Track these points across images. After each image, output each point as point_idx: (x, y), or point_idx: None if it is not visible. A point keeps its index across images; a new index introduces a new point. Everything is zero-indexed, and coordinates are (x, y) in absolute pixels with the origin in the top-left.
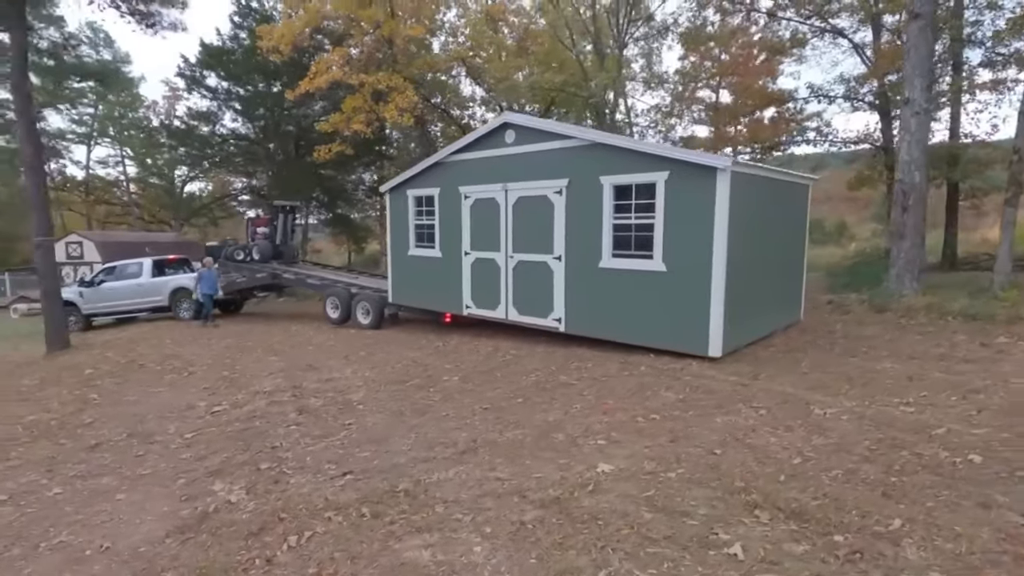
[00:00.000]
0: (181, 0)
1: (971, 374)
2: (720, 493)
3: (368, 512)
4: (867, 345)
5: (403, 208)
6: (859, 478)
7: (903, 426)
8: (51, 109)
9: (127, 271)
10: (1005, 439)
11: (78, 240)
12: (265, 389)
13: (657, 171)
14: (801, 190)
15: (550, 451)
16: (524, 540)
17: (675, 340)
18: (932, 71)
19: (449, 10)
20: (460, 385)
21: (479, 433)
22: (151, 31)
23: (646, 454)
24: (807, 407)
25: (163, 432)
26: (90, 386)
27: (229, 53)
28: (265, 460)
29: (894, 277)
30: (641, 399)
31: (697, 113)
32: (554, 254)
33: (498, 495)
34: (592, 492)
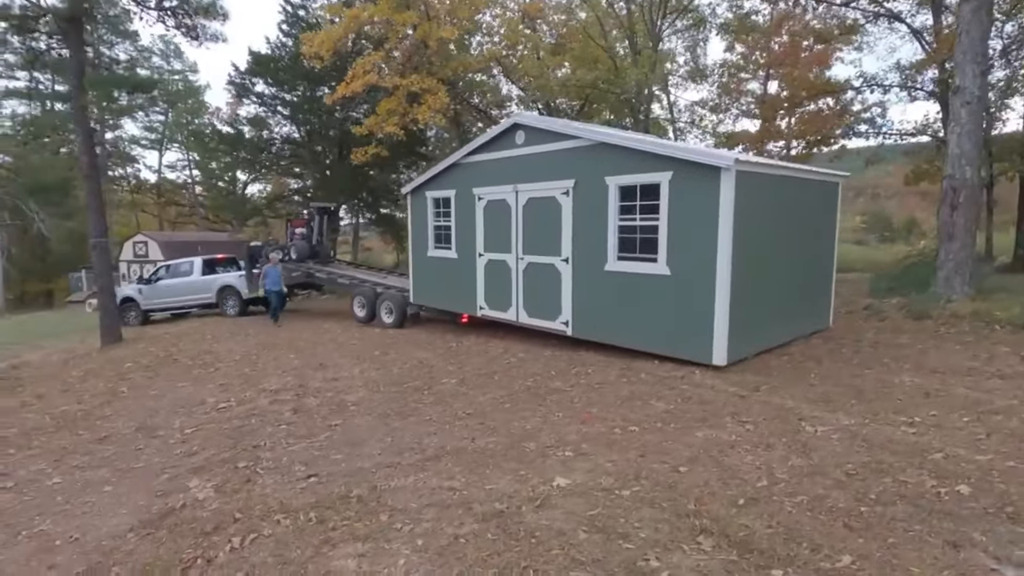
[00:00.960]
0: (222, 13)
1: (998, 392)
2: (669, 515)
3: (315, 517)
4: (892, 356)
5: (423, 209)
6: (825, 506)
7: (897, 448)
8: (127, 118)
9: (180, 269)
10: (1007, 469)
11: (143, 240)
12: (272, 387)
13: (661, 171)
14: (829, 188)
15: (515, 461)
16: (451, 555)
17: (679, 347)
18: (987, 57)
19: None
20: (455, 388)
21: (453, 440)
22: (195, 43)
23: (608, 469)
24: (799, 423)
25: (168, 427)
26: (124, 379)
27: (276, 60)
28: (244, 459)
29: (942, 281)
30: (628, 409)
31: (745, 106)
32: (562, 256)
33: (445, 506)
34: (539, 507)
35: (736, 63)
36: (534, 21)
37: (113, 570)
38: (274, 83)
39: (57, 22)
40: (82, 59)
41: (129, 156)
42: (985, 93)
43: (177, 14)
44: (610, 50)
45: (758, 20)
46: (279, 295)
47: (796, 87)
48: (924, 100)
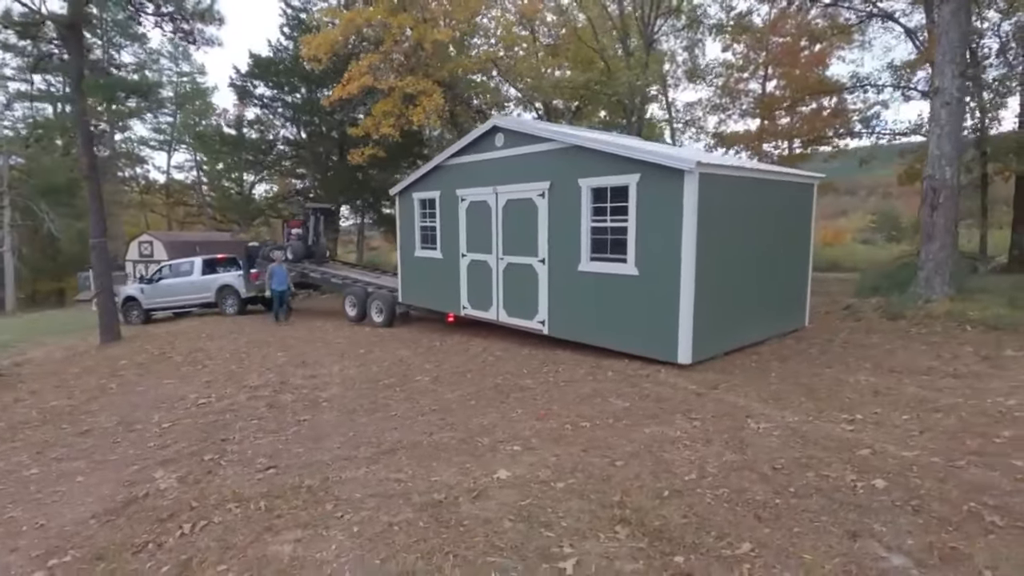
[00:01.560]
0: (218, 18)
1: (947, 391)
2: (594, 506)
3: (264, 506)
4: (857, 355)
5: (410, 210)
6: (744, 498)
7: (830, 445)
8: (136, 119)
9: (180, 269)
10: (927, 464)
11: (149, 240)
12: (253, 384)
13: (629, 173)
14: (803, 190)
15: (466, 455)
16: (382, 541)
17: (647, 346)
18: (965, 58)
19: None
20: (427, 385)
21: (412, 434)
22: (193, 47)
23: (550, 462)
24: (744, 420)
25: (147, 421)
26: (115, 376)
27: (277, 63)
28: (212, 451)
29: (923, 281)
30: (586, 406)
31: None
32: (538, 257)
33: (387, 496)
34: (476, 498)
35: (733, 63)
36: (532, 22)
37: (70, 553)
38: (275, 85)
39: (57, 28)
40: (81, 64)
41: (138, 157)
42: (964, 94)
43: (175, 19)
44: (602, 52)
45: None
46: (282, 295)
47: (794, 87)
48: (918, 100)
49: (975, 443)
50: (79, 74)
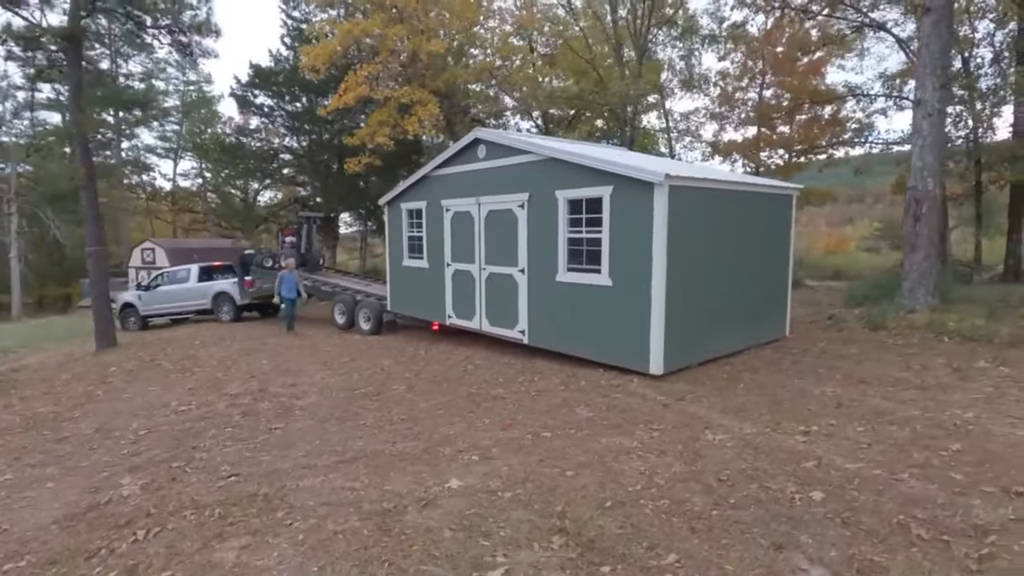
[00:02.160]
0: (215, 31)
1: (910, 403)
2: (536, 516)
3: (219, 513)
4: (830, 366)
5: (398, 220)
6: (684, 509)
7: (779, 456)
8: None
9: (177, 276)
10: (870, 477)
11: (151, 247)
12: (234, 391)
13: (603, 185)
14: (781, 200)
15: (424, 464)
16: (323, 549)
17: (621, 356)
18: (947, 70)
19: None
20: (402, 394)
21: (376, 443)
22: (191, 59)
23: (503, 472)
24: (703, 431)
25: (125, 428)
26: (104, 383)
27: (277, 74)
28: (181, 459)
29: (906, 291)
30: (552, 416)
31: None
32: (518, 267)
33: (338, 504)
34: (424, 507)
35: (730, 72)
36: (529, 33)
37: (26, 558)
38: (275, 95)
39: (56, 41)
40: (80, 75)
41: (145, 165)
42: (946, 106)
43: (172, 32)
44: (593, 61)
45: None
46: (293, 303)
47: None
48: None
49: (921, 456)
50: (78, 85)
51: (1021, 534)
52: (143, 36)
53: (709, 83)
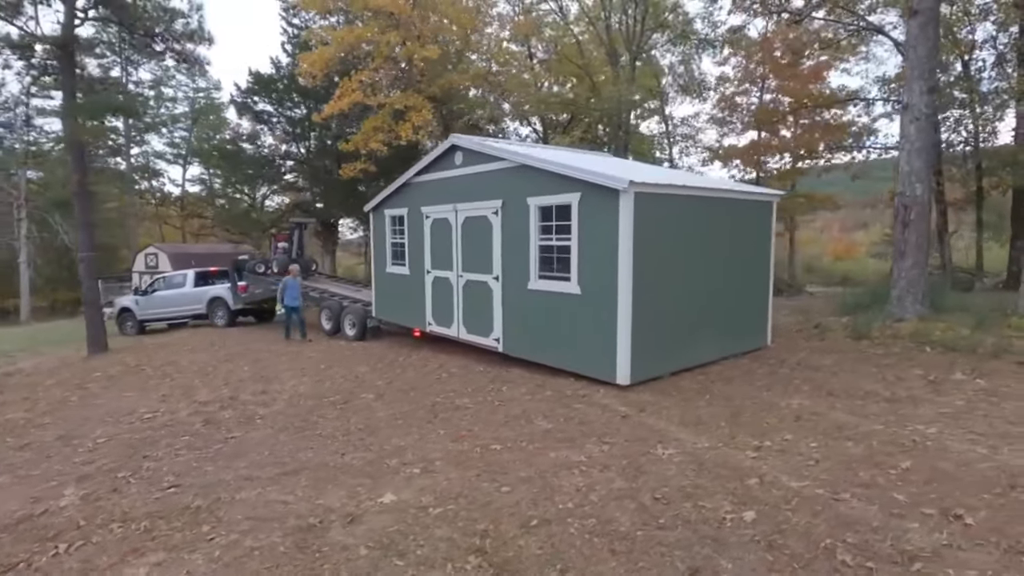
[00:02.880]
0: (206, 39)
1: (872, 417)
2: (459, 535)
3: (145, 526)
4: (803, 377)
5: (382, 227)
6: (609, 529)
7: (724, 472)
8: (153, 134)
9: (174, 281)
10: (811, 496)
11: (155, 252)
12: (203, 399)
13: (571, 192)
14: (760, 207)
15: (364, 477)
16: (237, 566)
17: (589, 366)
18: (935, 73)
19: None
20: (368, 403)
21: (325, 455)
22: (184, 66)
23: (441, 487)
24: (655, 445)
25: (87, 436)
26: (82, 388)
27: (276, 81)
28: (128, 469)
29: (895, 299)
30: (509, 428)
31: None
32: (493, 274)
33: (265, 519)
34: (350, 523)
35: (731, 77)
36: (528, 39)
37: None
38: (275, 101)
39: (51, 50)
40: (73, 84)
41: (154, 171)
42: (933, 110)
43: (165, 40)
44: (586, 67)
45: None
46: (297, 311)
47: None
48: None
49: (868, 475)
50: (72, 93)
51: (950, 561)
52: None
53: (708, 88)
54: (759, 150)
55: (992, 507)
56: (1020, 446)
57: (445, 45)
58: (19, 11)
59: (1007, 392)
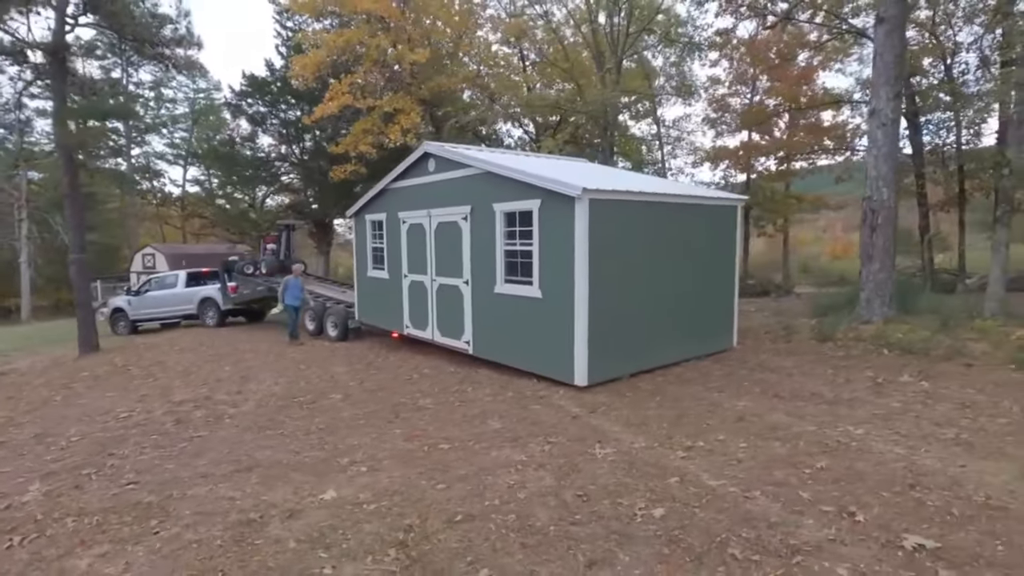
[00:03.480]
0: (195, 43)
1: (810, 418)
2: (386, 529)
3: (97, 521)
4: (757, 379)
5: (364, 231)
6: (525, 525)
7: (651, 471)
8: (153, 135)
9: (165, 282)
10: (724, 494)
11: (151, 252)
12: (179, 399)
13: (533, 199)
14: (724, 211)
15: (313, 475)
16: (172, 558)
17: (550, 367)
18: (901, 79)
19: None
20: (335, 403)
21: (281, 453)
22: (175, 70)
23: (381, 484)
24: (594, 445)
25: (62, 434)
26: (67, 388)
27: (271, 83)
28: (94, 466)
29: (864, 302)
30: (462, 428)
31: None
32: (463, 278)
33: (210, 514)
34: (288, 518)
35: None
36: (520, 41)
37: None
38: (268, 103)
39: (44, 56)
40: (63, 89)
41: (155, 171)
42: (899, 115)
43: (155, 44)
44: (571, 70)
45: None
46: (297, 311)
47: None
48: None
49: (783, 474)
50: (62, 98)
51: (829, 554)
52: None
53: (698, 89)
54: (749, 151)
55: (886, 504)
56: (937, 447)
57: (436, 48)
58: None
59: (944, 394)
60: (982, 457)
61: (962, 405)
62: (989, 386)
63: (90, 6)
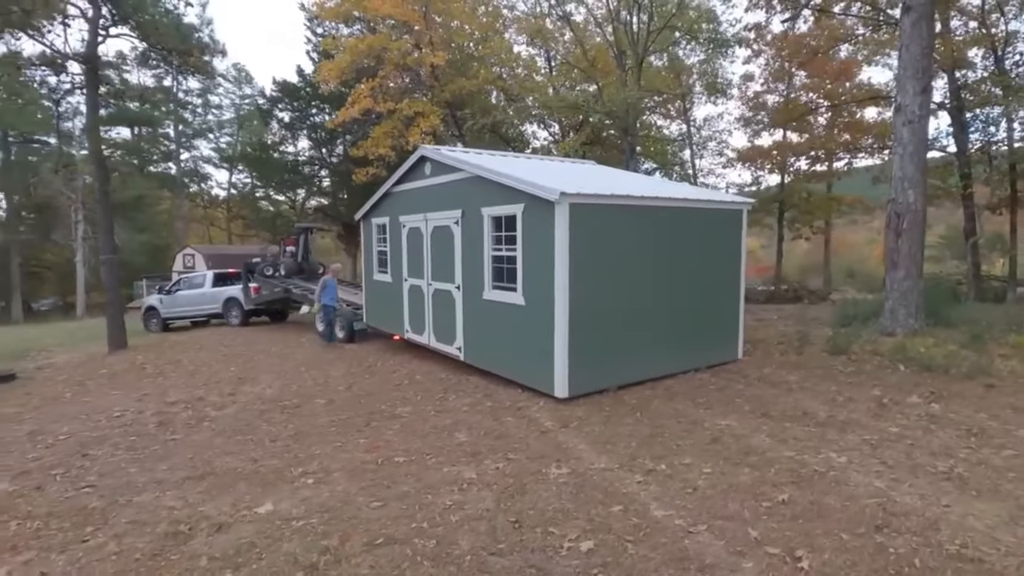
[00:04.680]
0: (219, 51)
1: (792, 442)
2: (302, 550)
3: (37, 525)
4: (752, 395)
5: (370, 235)
6: (443, 552)
7: (599, 497)
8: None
9: (194, 282)
10: (668, 527)
11: (192, 252)
12: (172, 399)
13: (517, 203)
14: (728, 216)
15: (260, 486)
16: (86, 569)
17: (532, 377)
18: (929, 72)
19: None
20: (317, 409)
21: (241, 461)
22: (203, 77)
23: (320, 499)
24: (551, 464)
25: (54, 433)
26: (80, 385)
27: (302, 89)
28: (63, 467)
29: (887, 312)
30: (427, 439)
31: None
32: (455, 283)
33: (144, 523)
34: (216, 532)
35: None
36: (547, 41)
37: None
38: (298, 109)
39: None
40: (96, 97)
41: (202, 174)
42: (928, 112)
43: (181, 53)
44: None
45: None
46: (335, 310)
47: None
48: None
49: (739, 506)
50: (95, 107)
51: None
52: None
53: (731, 87)
54: (784, 151)
55: (841, 549)
56: (924, 481)
57: (458, 50)
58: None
59: (952, 419)
60: (973, 495)
61: (968, 432)
62: (1006, 411)
63: (120, 18)
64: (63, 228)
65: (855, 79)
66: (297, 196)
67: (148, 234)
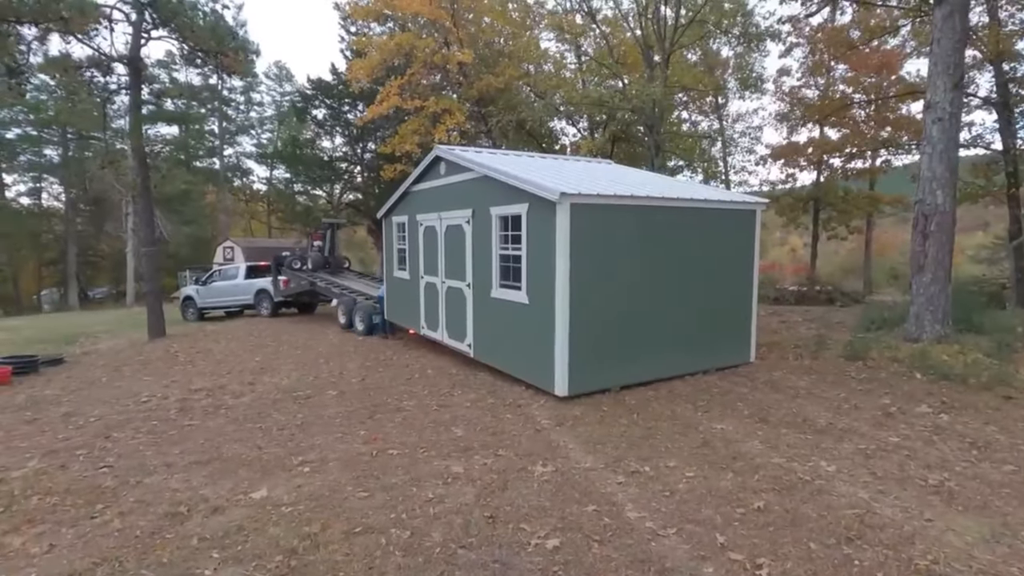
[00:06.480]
0: (253, 52)
1: (784, 449)
2: (286, 535)
3: (55, 502)
4: (755, 400)
5: (391, 233)
6: (415, 543)
7: (576, 496)
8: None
9: (228, 274)
10: (639, 529)
11: (231, 245)
12: (197, 386)
13: (522, 203)
14: (740, 216)
15: (261, 472)
16: (91, 543)
17: (535, 375)
18: (961, 68)
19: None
20: (327, 400)
21: (247, 448)
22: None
23: (312, 487)
24: (538, 462)
25: (86, 415)
26: (115, 371)
27: (335, 86)
28: (88, 447)
29: (913, 317)
30: (423, 434)
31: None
32: (466, 281)
33: (149, 503)
34: (211, 514)
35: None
36: (576, 37)
37: None
38: (332, 106)
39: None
40: (138, 97)
41: (244, 170)
42: (959, 109)
43: (217, 55)
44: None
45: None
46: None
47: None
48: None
49: (713, 512)
50: (137, 106)
51: None
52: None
53: (765, 81)
54: (821, 147)
55: (805, 559)
56: (910, 494)
57: (487, 47)
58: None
59: (958, 431)
60: (959, 510)
61: (972, 445)
62: (1017, 424)
63: (161, 21)
64: (115, 220)
65: (897, 72)
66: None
67: (193, 226)
